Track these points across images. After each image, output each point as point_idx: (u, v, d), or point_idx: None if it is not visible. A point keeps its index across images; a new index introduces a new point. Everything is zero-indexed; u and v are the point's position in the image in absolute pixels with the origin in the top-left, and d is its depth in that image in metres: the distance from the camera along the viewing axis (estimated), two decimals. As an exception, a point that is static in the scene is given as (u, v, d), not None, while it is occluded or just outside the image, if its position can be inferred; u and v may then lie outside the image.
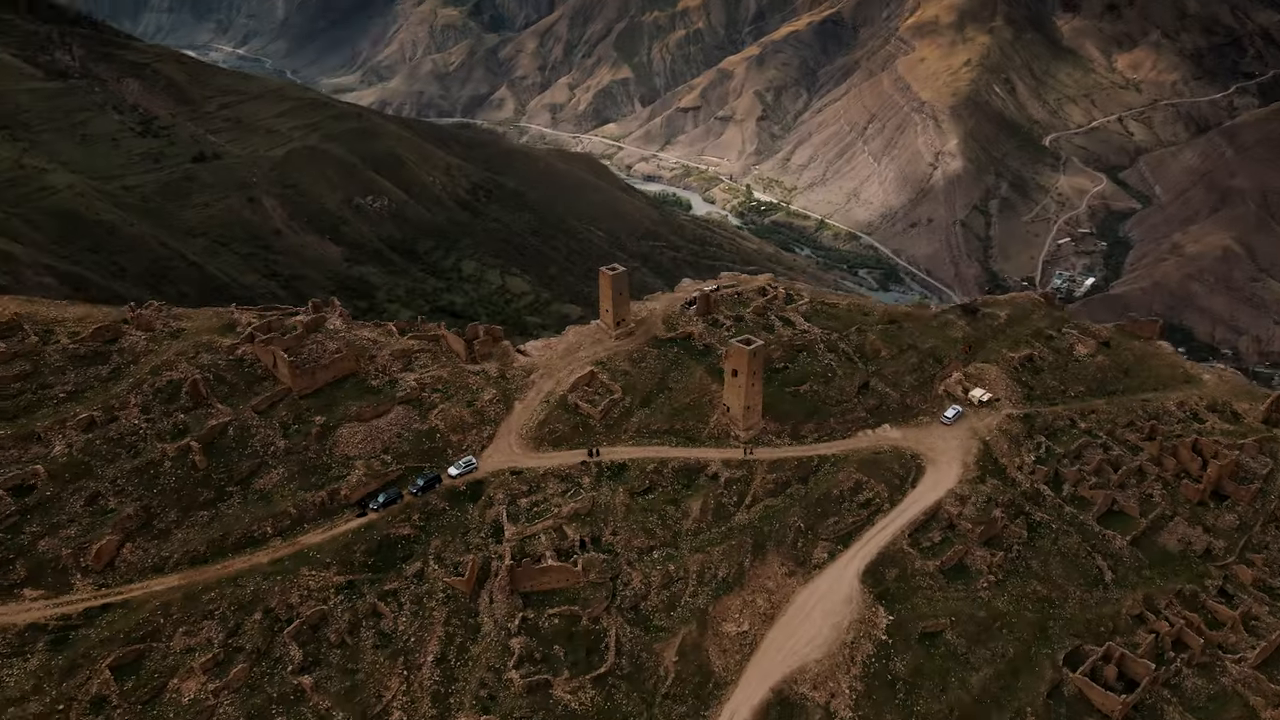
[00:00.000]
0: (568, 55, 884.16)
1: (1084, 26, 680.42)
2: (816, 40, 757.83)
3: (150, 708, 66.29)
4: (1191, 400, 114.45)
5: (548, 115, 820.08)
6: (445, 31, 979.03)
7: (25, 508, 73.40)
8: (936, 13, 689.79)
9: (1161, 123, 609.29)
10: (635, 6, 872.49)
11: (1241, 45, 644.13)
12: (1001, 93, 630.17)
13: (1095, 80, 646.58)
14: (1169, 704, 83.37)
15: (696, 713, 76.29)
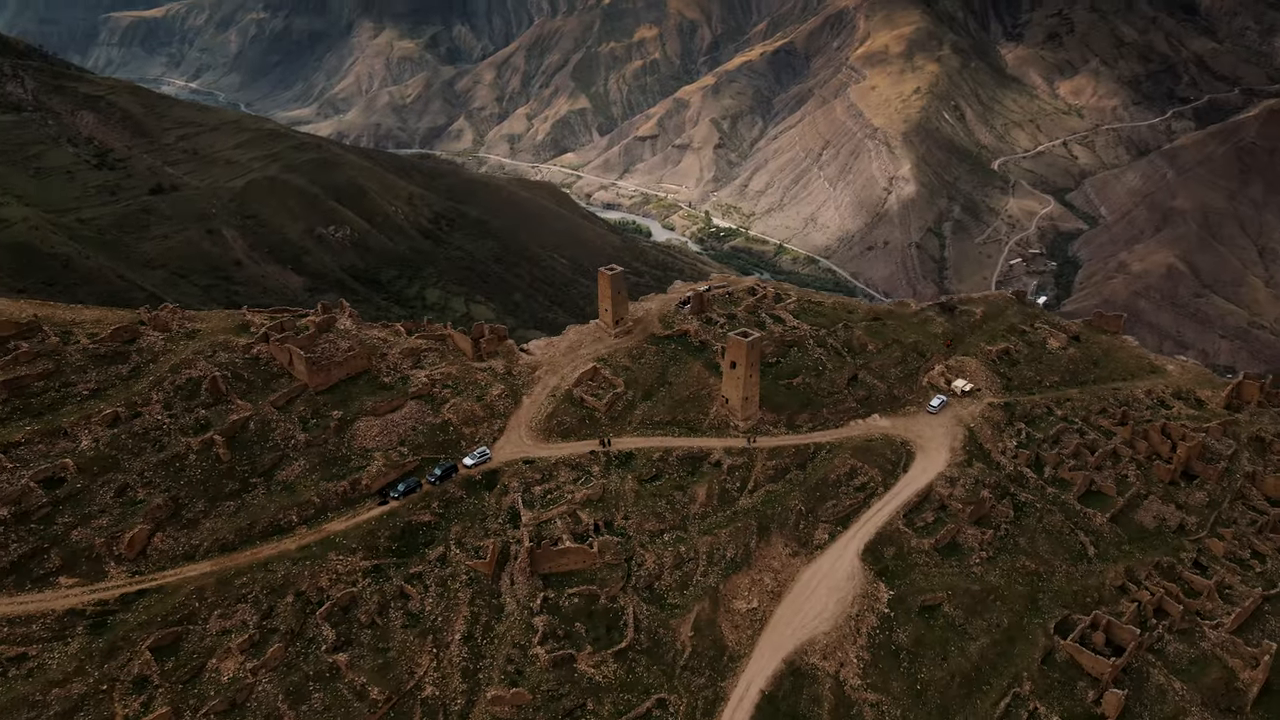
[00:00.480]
0: (525, 86, 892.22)
1: (1027, 55, 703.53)
2: (770, 70, 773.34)
3: (191, 686, 67.93)
4: (1158, 388, 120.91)
5: (506, 145, 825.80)
6: (402, 64, 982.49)
7: (56, 500, 74.80)
8: (886, 42, 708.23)
9: (1104, 146, 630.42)
10: (592, 38, 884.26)
11: (1176, 72, 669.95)
12: (951, 119, 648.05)
13: (1040, 106, 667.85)
14: (1154, 667, 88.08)
15: (714, 684, 79.45)
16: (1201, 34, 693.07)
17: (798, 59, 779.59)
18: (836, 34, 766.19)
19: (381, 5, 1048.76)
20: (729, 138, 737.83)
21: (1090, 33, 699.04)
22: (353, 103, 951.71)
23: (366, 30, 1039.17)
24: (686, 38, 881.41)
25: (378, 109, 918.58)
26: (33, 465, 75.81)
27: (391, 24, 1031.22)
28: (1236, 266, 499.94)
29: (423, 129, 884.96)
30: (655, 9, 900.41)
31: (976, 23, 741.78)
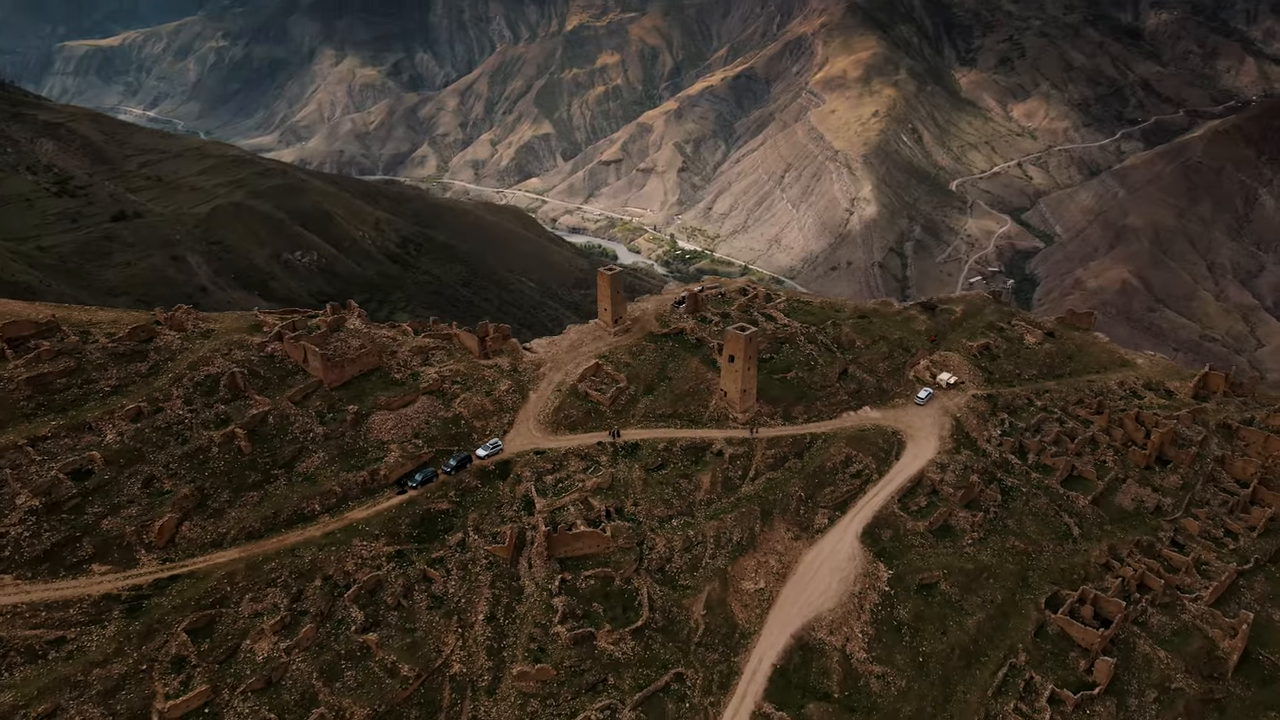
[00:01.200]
0: (489, 112, 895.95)
1: (980, 79, 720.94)
2: (731, 95, 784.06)
3: (227, 666, 69.75)
4: (1130, 380, 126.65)
5: (471, 171, 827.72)
6: (364, 91, 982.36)
7: (85, 490, 76.33)
8: (844, 67, 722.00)
9: (1057, 167, 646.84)
10: (554, 64, 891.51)
11: (1124, 95, 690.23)
12: (909, 141, 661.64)
13: (994, 128, 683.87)
14: (1139, 638, 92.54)
15: (727, 659, 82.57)
16: (1147, 58, 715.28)
17: (758, 84, 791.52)
18: (796, 59, 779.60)
19: (343, 33, 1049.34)
20: (692, 161, 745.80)
21: (1040, 57, 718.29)
22: (315, 130, 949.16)
23: (328, 58, 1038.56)
24: (648, 64, 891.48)
25: (340, 136, 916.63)
26: (60, 458, 77.35)
27: (353, 51, 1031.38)
28: (1187, 281, 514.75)
29: (386, 155, 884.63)
30: (617, 36, 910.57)
31: (931, 48, 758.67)
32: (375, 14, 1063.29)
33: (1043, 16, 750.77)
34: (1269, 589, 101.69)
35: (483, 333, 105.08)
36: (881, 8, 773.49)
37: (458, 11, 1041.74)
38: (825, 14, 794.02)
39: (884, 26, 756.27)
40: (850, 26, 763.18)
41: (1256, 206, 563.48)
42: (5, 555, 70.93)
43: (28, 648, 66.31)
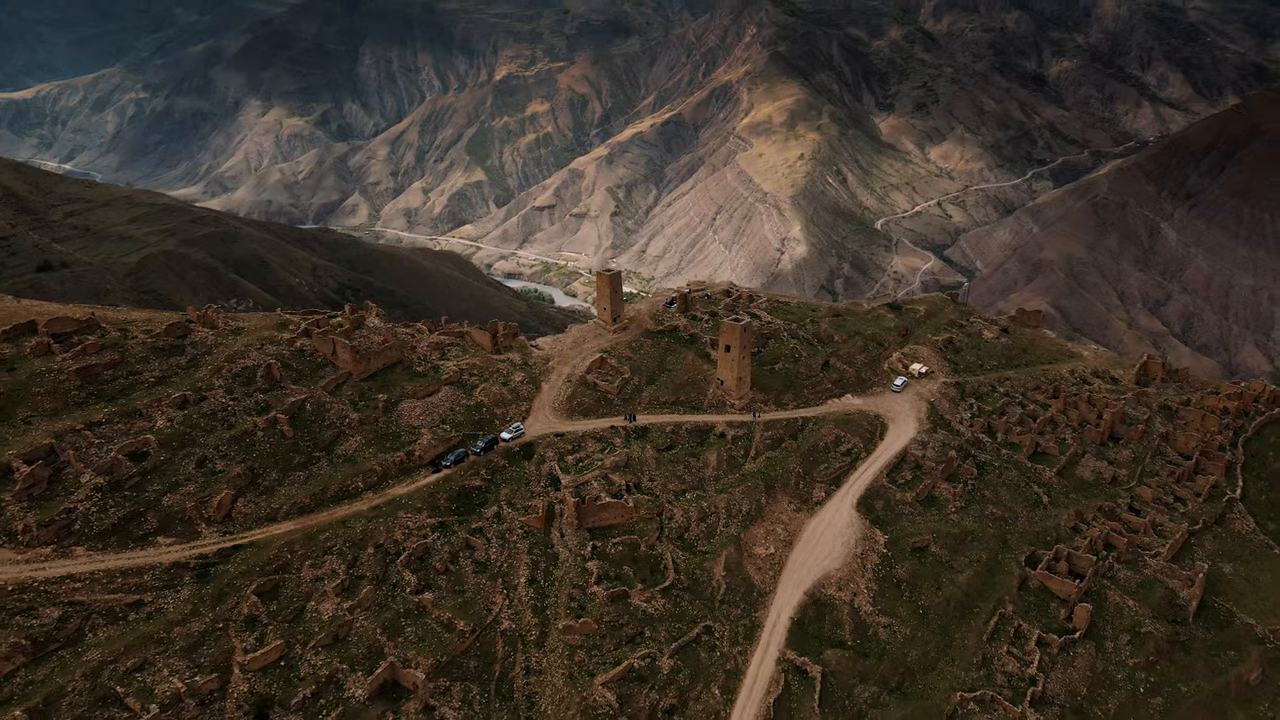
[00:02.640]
0: (420, 161, 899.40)
1: (899, 124, 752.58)
2: (661, 140, 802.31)
3: (296, 624, 73.97)
4: (1079, 369, 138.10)
5: (403, 219, 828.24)
6: (292, 141, 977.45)
7: (144, 470, 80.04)
8: (769, 113, 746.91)
9: (974, 205, 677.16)
10: (485, 113, 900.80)
11: (1032, 137, 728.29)
12: (834, 183, 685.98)
13: (914, 170, 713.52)
14: (1109, 589, 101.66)
15: (749, 614, 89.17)
16: (1052, 102, 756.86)
17: (686, 129, 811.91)
18: (722, 106, 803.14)
19: (269, 84, 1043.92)
20: (625, 206, 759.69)
21: (953, 102, 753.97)
22: (242, 180, 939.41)
23: (254, 108, 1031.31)
24: (577, 111, 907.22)
25: (269, 186, 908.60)
26: (117, 441, 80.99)
27: (280, 102, 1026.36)
28: (1101, 310, 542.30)
29: (316, 205, 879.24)
30: (546, 85, 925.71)
31: (851, 95, 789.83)
32: (302, 65, 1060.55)
33: (954, 64, 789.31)
34: (1217, 546, 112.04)
35: (494, 330, 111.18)
36: (802, 56, 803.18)
37: (386, 62, 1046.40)
38: (749, 63, 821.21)
39: (805, 74, 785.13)
40: (773, 74, 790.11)
41: (1160, 239, 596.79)
42: (76, 529, 74.30)
43: (109, 610, 69.78)
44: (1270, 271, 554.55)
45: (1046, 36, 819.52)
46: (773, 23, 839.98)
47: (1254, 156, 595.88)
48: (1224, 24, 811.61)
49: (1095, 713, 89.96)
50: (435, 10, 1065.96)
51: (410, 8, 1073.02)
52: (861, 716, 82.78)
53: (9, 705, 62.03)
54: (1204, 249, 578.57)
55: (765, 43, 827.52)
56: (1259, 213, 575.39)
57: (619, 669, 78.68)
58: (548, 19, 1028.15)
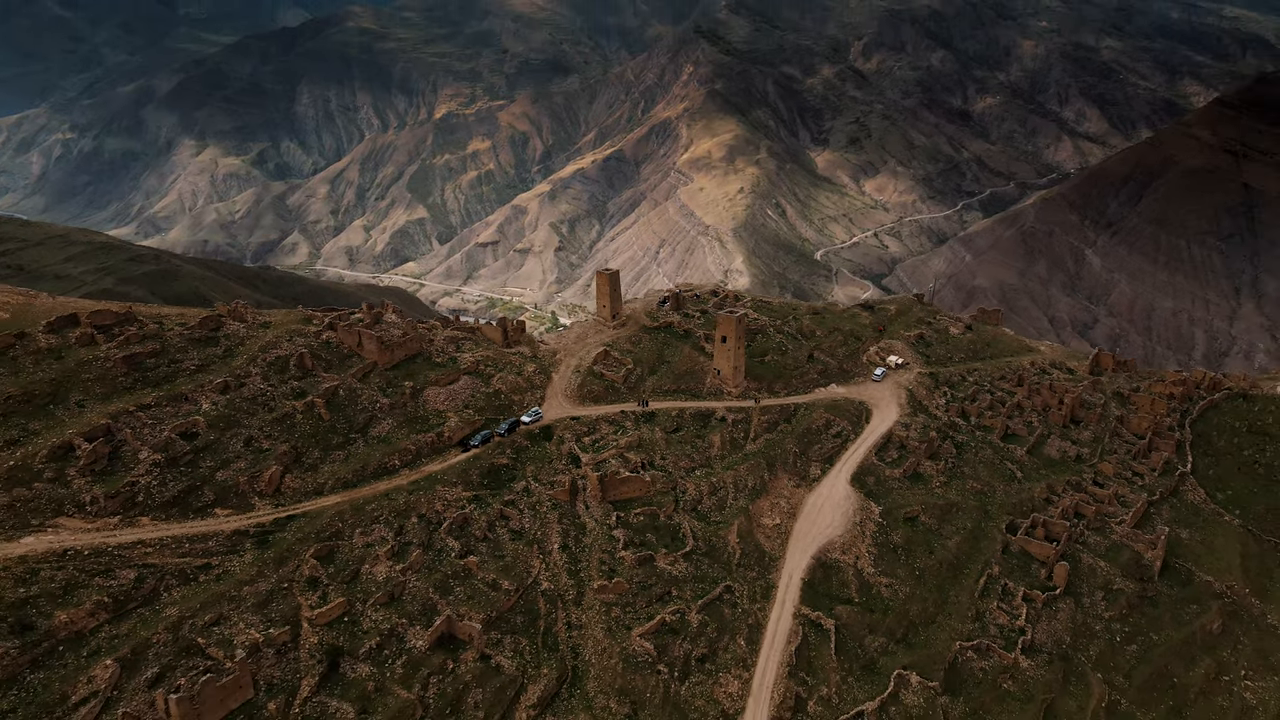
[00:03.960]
0: (361, 199, 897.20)
1: (834, 159, 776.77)
2: (602, 176, 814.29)
3: (354, 585, 78.40)
4: (1038, 361, 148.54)
5: (345, 257, 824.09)
6: (228, 180, 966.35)
7: (196, 449, 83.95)
8: (709, 148, 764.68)
9: (909, 236, 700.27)
10: (426, 151, 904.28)
11: (961, 170, 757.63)
12: (774, 216, 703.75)
13: (850, 203, 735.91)
14: (1082, 552, 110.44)
15: (763, 575, 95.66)
16: (978, 137, 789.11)
17: (628, 165, 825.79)
18: (662, 142, 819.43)
19: (204, 123, 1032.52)
20: (568, 241, 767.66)
21: (885, 137, 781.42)
22: (176, 220, 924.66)
23: (188, 148, 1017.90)
24: (519, 148, 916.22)
25: (205, 226, 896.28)
26: (168, 422, 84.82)
27: (215, 141, 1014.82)
28: (1033, 334, 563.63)
29: (254, 244, 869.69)
30: (486, 123, 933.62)
31: (787, 130, 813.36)
32: (237, 104, 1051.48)
33: (884, 101, 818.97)
34: (1173, 514, 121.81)
35: (504, 325, 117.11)
36: (739, 94, 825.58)
37: (324, 101, 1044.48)
38: (687, 100, 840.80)
39: (742, 111, 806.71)
40: (711, 111, 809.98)
41: (1085, 265, 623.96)
42: (139, 500, 77.97)
43: (180, 572, 73.58)
44: (1188, 294, 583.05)
45: (970, 75, 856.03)
46: (709, 61, 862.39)
47: (1168, 186, 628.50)
48: (1135, 62, 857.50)
49: (1079, 659, 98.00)
50: (373, 50, 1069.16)
51: (348, 47, 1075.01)
52: (874, 663, 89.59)
53: (98, 656, 65.59)
54: (1126, 274, 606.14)
55: (702, 81, 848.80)
56: (1175, 239, 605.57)
57: (653, 623, 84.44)
58: (487, 58, 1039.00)
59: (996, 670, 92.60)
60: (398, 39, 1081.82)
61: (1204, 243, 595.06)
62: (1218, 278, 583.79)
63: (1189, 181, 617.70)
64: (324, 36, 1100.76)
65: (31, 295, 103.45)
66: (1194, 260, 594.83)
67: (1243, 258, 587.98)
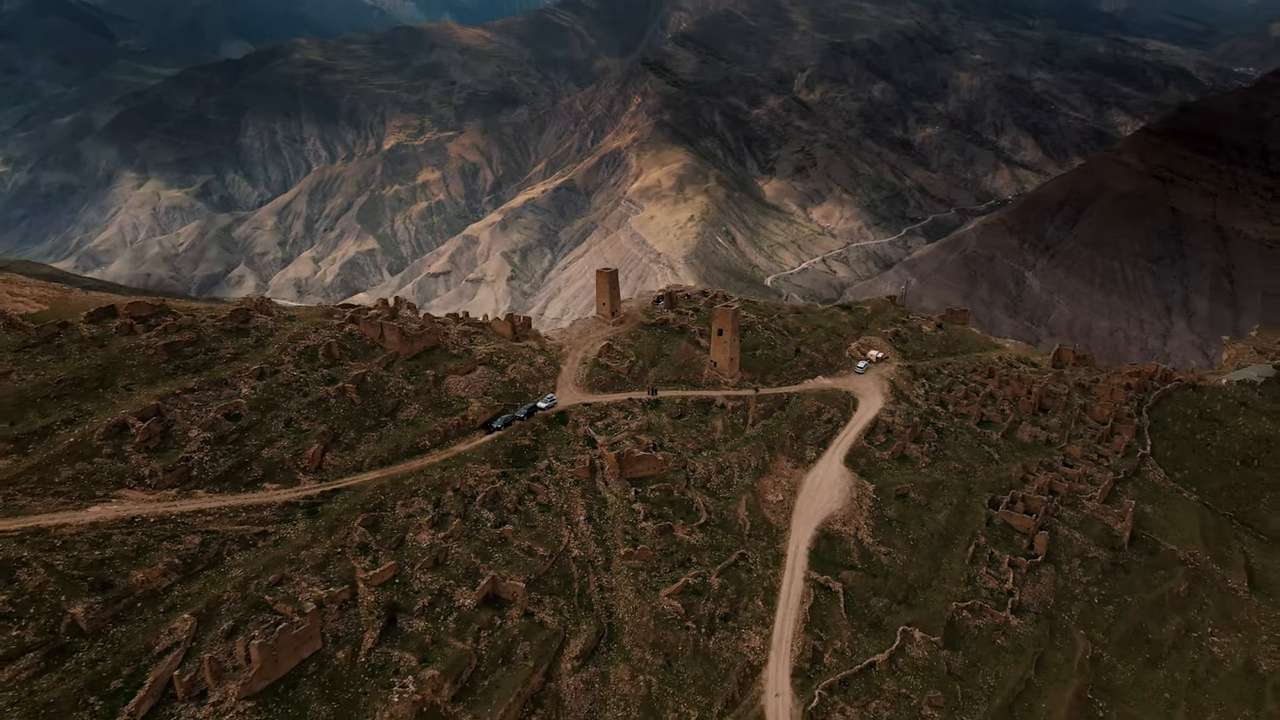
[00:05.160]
0: (309, 230, 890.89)
1: (781, 186, 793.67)
2: (553, 205, 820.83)
3: (400, 551, 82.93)
4: (1004, 356, 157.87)
5: (294, 289, 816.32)
6: (171, 213, 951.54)
7: (241, 428, 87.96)
8: (658, 177, 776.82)
9: (856, 261, 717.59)
10: (375, 182, 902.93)
11: (904, 197, 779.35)
12: (724, 243, 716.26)
13: (798, 230, 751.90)
14: (1058, 525, 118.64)
15: (773, 545, 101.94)
16: (919, 165, 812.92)
17: (578, 195, 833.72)
18: (612, 172, 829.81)
19: (144, 155, 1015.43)
20: (521, 270, 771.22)
21: (830, 166, 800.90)
22: (117, 254, 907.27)
23: (128, 181, 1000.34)
24: (469, 179, 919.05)
25: (147, 259, 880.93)
26: (213, 405, 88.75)
27: (157, 174, 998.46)
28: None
29: (199, 277, 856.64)
30: (436, 154, 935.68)
31: (734, 159, 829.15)
32: (179, 136, 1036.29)
33: (828, 131, 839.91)
34: (1137, 491, 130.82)
35: (513, 321, 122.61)
36: (686, 124, 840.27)
37: (270, 133, 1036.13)
38: (635, 130, 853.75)
39: (690, 140, 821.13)
40: (660, 141, 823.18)
41: (1026, 287, 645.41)
42: (194, 474, 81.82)
43: (240, 538, 77.59)
44: (1124, 314, 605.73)
45: (910, 106, 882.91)
46: (657, 93, 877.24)
47: (1101, 211, 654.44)
48: (1066, 94, 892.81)
49: (1063, 617, 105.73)
50: (320, 81, 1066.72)
51: (294, 79, 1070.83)
52: (880, 621, 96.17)
53: (174, 611, 69.40)
54: (1065, 295, 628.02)
55: (650, 111, 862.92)
56: (1110, 261, 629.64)
57: (678, 585, 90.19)
58: (435, 90, 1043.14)
59: (990, 628, 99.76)
60: (345, 71, 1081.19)
61: (1137, 265, 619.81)
62: (1150, 298, 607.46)
63: (1120, 206, 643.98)
64: (269, 68, 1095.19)
65: (65, 290, 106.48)
66: (1128, 282, 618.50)
67: (1173, 279, 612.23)
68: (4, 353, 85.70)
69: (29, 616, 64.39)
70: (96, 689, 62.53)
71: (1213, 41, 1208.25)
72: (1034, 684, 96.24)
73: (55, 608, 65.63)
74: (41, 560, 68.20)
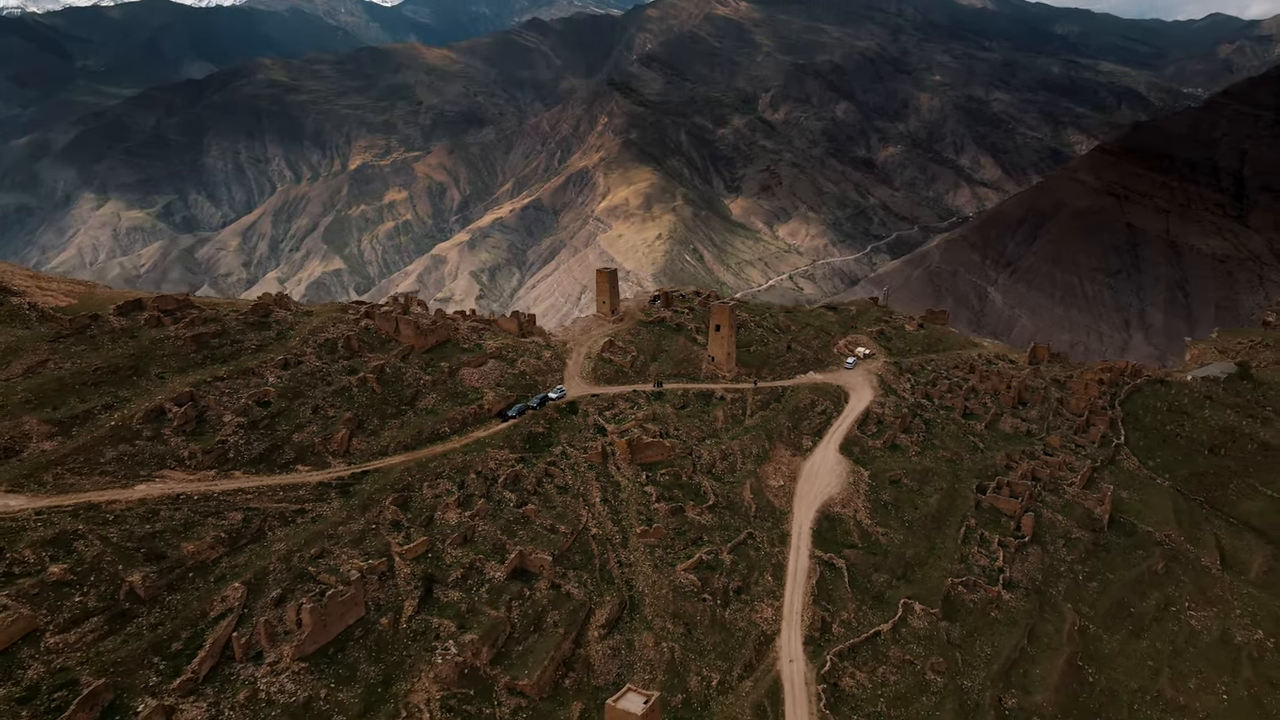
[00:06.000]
0: (274, 250, 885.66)
1: (748, 205, 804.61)
2: (521, 225, 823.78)
3: (430, 527, 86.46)
4: (983, 354, 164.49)
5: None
6: (132, 234, 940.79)
7: (271, 414, 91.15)
8: (625, 196, 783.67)
9: (822, 277, 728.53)
10: (341, 202, 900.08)
11: (868, 215, 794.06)
12: (693, 261, 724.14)
13: (765, 247, 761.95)
14: (1042, 508, 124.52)
15: (777, 525, 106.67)
16: (882, 184, 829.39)
17: (546, 214, 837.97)
18: (580, 191, 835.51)
19: (104, 176, 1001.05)
20: (489, 289, 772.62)
21: (795, 184, 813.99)
22: (76, 276, 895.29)
23: (88, 202, 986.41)
24: (436, 199, 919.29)
25: (108, 280, 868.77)
26: (243, 392, 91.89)
27: (118, 195, 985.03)
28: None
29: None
30: (403, 174, 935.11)
31: (701, 178, 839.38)
32: (140, 157, 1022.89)
33: (793, 150, 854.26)
34: (1114, 479, 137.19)
35: (519, 318, 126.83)
36: (653, 143, 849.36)
37: (234, 154, 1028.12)
38: (602, 150, 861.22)
39: (657, 159, 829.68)
40: (627, 160, 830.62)
41: (988, 301, 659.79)
42: (230, 456, 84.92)
43: (279, 514, 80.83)
44: (1083, 328, 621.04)
45: (873, 125, 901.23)
46: (623, 112, 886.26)
47: (1059, 227, 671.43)
48: (1022, 114, 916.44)
49: (1051, 592, 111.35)
50: (285, 102, 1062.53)
51: (258, 99, 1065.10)
52: (881, 595, 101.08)
53: (225, 581, 72.51)
54: (1026, 309, 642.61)
55: (617, 131, 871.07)
56: (1069, 276, 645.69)
57: (692, 560, 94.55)
58: (401, 110, 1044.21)
59: (984, 601, 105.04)
60: (310, 91, 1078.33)
61: (1095, 279, 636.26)
62: (1109, 311, 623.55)
63: (1078, 223, 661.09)
64: (232, 88, 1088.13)
65: (91, 285, 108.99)
66: (1087, 296, 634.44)
67: (1130, 292, 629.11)
68: (40, 343, 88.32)
69: (90, 584, 67.23)
70: (159, 650, 65.49)
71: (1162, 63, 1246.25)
72: (1027, 652, 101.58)
73: (114, 576, 68.50)
74: (97, 533, 71.06)
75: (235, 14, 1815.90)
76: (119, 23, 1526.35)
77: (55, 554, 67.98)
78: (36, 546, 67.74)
